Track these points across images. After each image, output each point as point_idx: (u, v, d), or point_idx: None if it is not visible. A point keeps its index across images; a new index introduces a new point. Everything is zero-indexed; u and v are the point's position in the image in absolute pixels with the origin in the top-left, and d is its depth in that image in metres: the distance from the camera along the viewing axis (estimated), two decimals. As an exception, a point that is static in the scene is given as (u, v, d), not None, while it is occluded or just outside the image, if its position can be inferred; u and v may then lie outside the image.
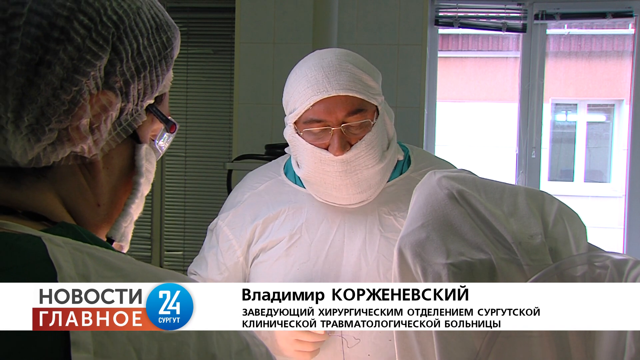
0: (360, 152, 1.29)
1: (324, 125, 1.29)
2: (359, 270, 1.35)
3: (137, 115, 0.64)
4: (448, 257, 0.83)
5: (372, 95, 1.31)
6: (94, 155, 0.62)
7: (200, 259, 1.49)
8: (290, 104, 1.34)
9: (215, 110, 4.74)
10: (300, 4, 3.13)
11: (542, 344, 0.83)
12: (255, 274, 1.42)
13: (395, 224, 1.37)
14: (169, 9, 4.83)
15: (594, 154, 7.18)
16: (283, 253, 1.38)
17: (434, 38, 3.44)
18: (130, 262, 0.57)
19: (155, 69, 0.64)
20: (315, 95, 1.27)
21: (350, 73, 1.29)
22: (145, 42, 0.62)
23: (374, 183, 1.34)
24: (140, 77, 0.62)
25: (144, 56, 0.62)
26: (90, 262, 0.53)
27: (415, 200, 0.94)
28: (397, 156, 1.42)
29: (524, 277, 0.83)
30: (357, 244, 1.36)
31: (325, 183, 1.33)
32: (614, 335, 0.80)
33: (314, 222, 1.39)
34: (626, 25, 5.74)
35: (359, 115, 1.29)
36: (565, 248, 0.86)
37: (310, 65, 1.31)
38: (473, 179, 0.95)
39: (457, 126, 6.70)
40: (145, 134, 0.67)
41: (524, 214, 0.89)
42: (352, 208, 1.38)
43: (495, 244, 0.85)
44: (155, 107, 0.67)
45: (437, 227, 0.87)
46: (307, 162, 1.33)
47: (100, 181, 0.64)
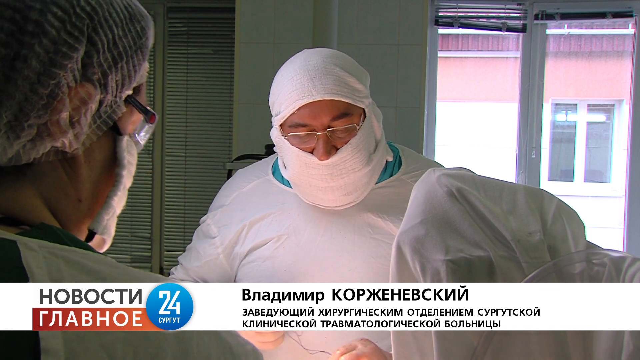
0: (346, 156, 1.28)
1: (309, 129, 1.28)
2: (348, 271, 1.35)
3: (116, 107, 0.64)
4: (447, 254, 0.83)
5: (359, 98, 1.29)
6: (75, 149, 0.61)
7: (187, 250, 1.54)
8: (275, 106, 1.33)
9: (215, 110, 4.74)
10: (300, 4, 3.13)
11: (540, 342, 0.83)
12: (243, 274, 1.42)
13: (384, 226, 1.36)
14: (169, 9, 4.84)
15: (594, 154, 7.18)
16: (270, 254, 1.38)
17: (434, 38, 3.44)
18: (109, 264, 0.56)
19: (132, 58, 0.64)
20: (300, 99, 1.26)
21: (336, 76, 1.26)
22: (120, 32, 0.62)
23: (360, 185, 1.34)
24: (118, 68, 0.62)
25: (119, 46, 0.62)
26: (64, 267, 0.52)
27: (414, 197, 0.94)
28: (386, 157, 1.41)
29: (523, 275, 0.83)
30: (345, 245, 1.36)
31: (311, 186, 1.33)
32: (612, 334, 0.80)
33: (301, 223, 1.39)
34: (626, 25, 5.74)
35: (345, 119, 1.28)
36: (563, 246, 0.86)
37: (296, 68, 1.29)
38: (472, 176, 0.95)
39: (457, 126, 6.70)
40: (125, 125, 0.66)
41: (523, 211, 0.89)
42: (340, 210, 1.38)
43: (494, 241, 0.86)
44: (134, 98, 0.66)
45: (436, 224, 0.87)
46: (292, 164, 1.33)
47: (82, 176, 0.63)
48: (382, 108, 1.46)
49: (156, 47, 4.83)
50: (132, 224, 4.98)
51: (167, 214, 4.88)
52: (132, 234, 4.99)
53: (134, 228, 4.98)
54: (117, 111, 0.64)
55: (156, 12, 4.78)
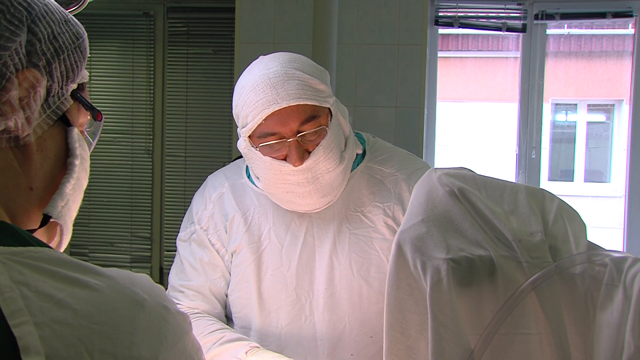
0: (319, 157, 1.28)
1: (279, 137, 1.27)
2: (332, 270, 1.35)
3: (63, 99, 0.68)
4: (448, 253, 0.83)
5: (323, 98, 1.29)
6: (26, 135, 0.64)
7: (184, 271, 1.44)
8: (241, 117, 1.31)
9: (215, 110, 4.74)
10: (300, 4, 3.13)
11: (540, 342, 0.83)
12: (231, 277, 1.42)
13: (363, 219, 1.37)
14: (169, 9, 4.84)
15: (594, 154, 7.18)
16: (255, 258, 1.38)
17: (434, 38, 3.44)
18: (66, 263, 0.57)
19: (73, 54, 0.69)
20: (266, 108, 1.24)
21: (298, 81, 1.26)
22: (58, 30, 0.67)
23: (336, 185, 1.34)
24: (60, 60, 0.67)
25: (59, 40, 0.67)
26: (25, 270, 0.53)
27: (415, 196, 0.94)
28: (356, 150, 1.41)
29: (523, 274, 0.83)
30: (327, 244, 1.36)
31: (288, 192, 1.32)
32: (613, 333, 0.80)
33: (282, 226, 1.39)
34: (626, 25, 5.75)
35: (313, 122, 1.27)
36: (564, 246, 0.86)
37: (257, 77, 1.28)
38: (473, 176, 0.95)
39: (457, 126, 6.70)
40: (74, 119, 0.70)
41: (524, 211, 0.89)
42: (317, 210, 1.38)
43: (495, 241, 0.86)
44: (80, 93, 0.71)
45: (438, 223, 0.87)
46: (266, 174, 1.32)
47: (34, 164, 0.66)
48: (382, 108, 1.46)
49: (156, 47, 4.83)
50: (132, 224, 4.98)
51: (167, 214, 4.88)
52: (132, 234, 4.98)
53: (134, 228, 4.98)
54: (65, 103, 0.68)
55: (156, 12, 4.78)
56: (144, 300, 0.57)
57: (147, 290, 0.58)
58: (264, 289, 1.37)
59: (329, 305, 1.35)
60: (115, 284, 0.56)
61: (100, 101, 4.90)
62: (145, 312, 0.56)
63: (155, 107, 4.87)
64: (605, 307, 0.82)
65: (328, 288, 1.35)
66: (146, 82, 4.86)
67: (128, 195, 4.92)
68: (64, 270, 0.55)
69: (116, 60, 4.94)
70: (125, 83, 4.89)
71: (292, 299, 1.36)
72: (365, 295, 1.34)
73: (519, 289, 0.82)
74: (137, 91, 4.88)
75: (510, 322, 0.82)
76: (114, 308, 0.54)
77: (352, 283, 1.34)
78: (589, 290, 0.84)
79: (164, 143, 4.88)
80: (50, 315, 0.51)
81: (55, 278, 0.54)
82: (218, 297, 1.43)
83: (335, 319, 1.35)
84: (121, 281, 0.57)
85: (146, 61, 4.84)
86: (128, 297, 0.56)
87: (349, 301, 1.34)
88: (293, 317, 1.36)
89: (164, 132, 4.89)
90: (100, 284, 0.55)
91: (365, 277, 1.33)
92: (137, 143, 4.89)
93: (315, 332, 1.35)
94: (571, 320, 0.84)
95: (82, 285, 0.54)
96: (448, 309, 0.82)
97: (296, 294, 1.36)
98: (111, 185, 4.91)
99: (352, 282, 1.34)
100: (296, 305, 1.36)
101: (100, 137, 0.93)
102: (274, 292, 1.36)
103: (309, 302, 1.35)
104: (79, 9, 1.10)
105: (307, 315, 1.35)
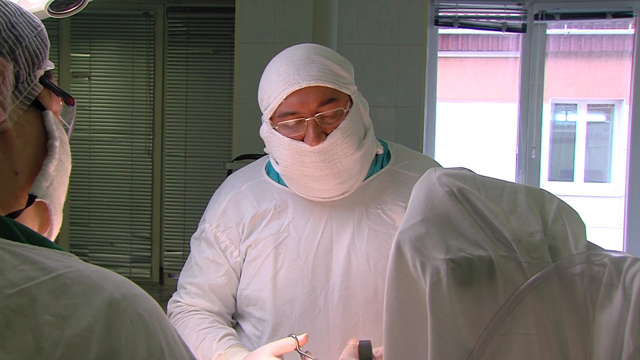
0: (337, 140, 1.30)
1: (298, 117, 1.30)
2: (350, 264, 1.36)
3: (33, 85, 0.70)
4: (447, 253, 0.83)
5: (344, 84, 1.32)
6: (3, 122, 0.65)
7: (191, 269, 1.47)
8: (264, 100, 1.36)
9: (215, 110, 4.74)
10: (300, 4, 3.13)
11: (540, 342, 0.83)
12: (244, 272, 1.43)
13: (383, 216, 1.38)
14: (169, 9, 4.84)
15: (594, 154, 7.18)
16: (272, 251, 1.39)
17: (434, 38, 3.44)
18: (53, 258, 0.57)
19: (34, 41, 0.71)
20: (287, 88, 1.29)
21: (320, 64, 1.31)
22: (15, 20, 0.69)
23: (354, 173, 1.35)
24: (23, 46, 0.69)
25: (18, 29, 0.69)
26: (7, 257, 0.55)
27: (414, 196, 0.94)
28: (377, 149, 1.43)
29: (523, 275, 0.83)
30: (345, 239, 1.38)
31: (305, 176, 1.34)
32: (612, 333, 0.80)
33: (301, 219, 1.40)
34: (626, 25, 5.75)
35: (332, 104, 1.30)
36: (564, 246, 0.86)
37: (281, 61, 1.34)
38: (473, 176, 0.95)
39: (457, 126, 6.70)
40: (47, 104, 0.72)
41: (524, 211, 0.89)
42: (338, 203, 1.39)
43: (495, 241, 0.86)
44: (48, 80, 0.73)
45: (437, 223, 0.87)
46: (284, 156, 1.35)
47: (15, 149, 0.67)
48: (382, 108, 1.47)
49: (156, 47, 4.84)
50: (132, 224, 4.98)
51: (167, 214, 4.88)
52: (132, 234, 4.99)
53: (134, 228, 4.98)
54: (36, 88, 0.70)
55: (156, 12, 4.78)
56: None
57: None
58: (279, 280, 1.38)
59: (343, 299, 1.36)
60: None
61: (101, 101, 4.91)
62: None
63: (155, 107, 4.87)
64: (605, 307, 0.82)
65: (344, 281, 1.36)
66: (146, 82, 4.86)
67: (128, 195, 4.92)
68: (50, 263, 0.56)
69: (116, 60, 4.94)
70: (125, 83, 4.89)
71: (307, 291, 1.37)
72: (380, 291, 1.34)
73: (519, 289, 0.82)
74: (137, 91, 4.88)
75: (510, 323, 0.82)
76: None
77: (368, 278, 1.35)
78: (589, 291, 0.84)
79: (164, 143, 4.88)
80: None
81: (36, 268, 0.55)
82: (219, 294, 1.45)
83: (349, 312, 1.36)
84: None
85: (146, 61, 4.84)
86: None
87: (363, 295, 1.35)
88: (307, 308, 1.37)
89: (164, 132, 4.89)
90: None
91: (382, 272, 1.34)
92: (137, 143, 4.89)
93: (329, 324, 1.36)
94: (570, 321, 0.84)
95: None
96: (447, 309, 0.82)
97: (311, 286, 1.37)
98: (111, 185, 4.91)
99: (368, 277, 1.35)
100: (311, 297, 1.37)
101: (100, 137, 0.92)
102: (289, 283, 1.38)
103: (323, 295, 1.36)
104: (79, 9, 1.10)
105: (321, 307, 1.36)
